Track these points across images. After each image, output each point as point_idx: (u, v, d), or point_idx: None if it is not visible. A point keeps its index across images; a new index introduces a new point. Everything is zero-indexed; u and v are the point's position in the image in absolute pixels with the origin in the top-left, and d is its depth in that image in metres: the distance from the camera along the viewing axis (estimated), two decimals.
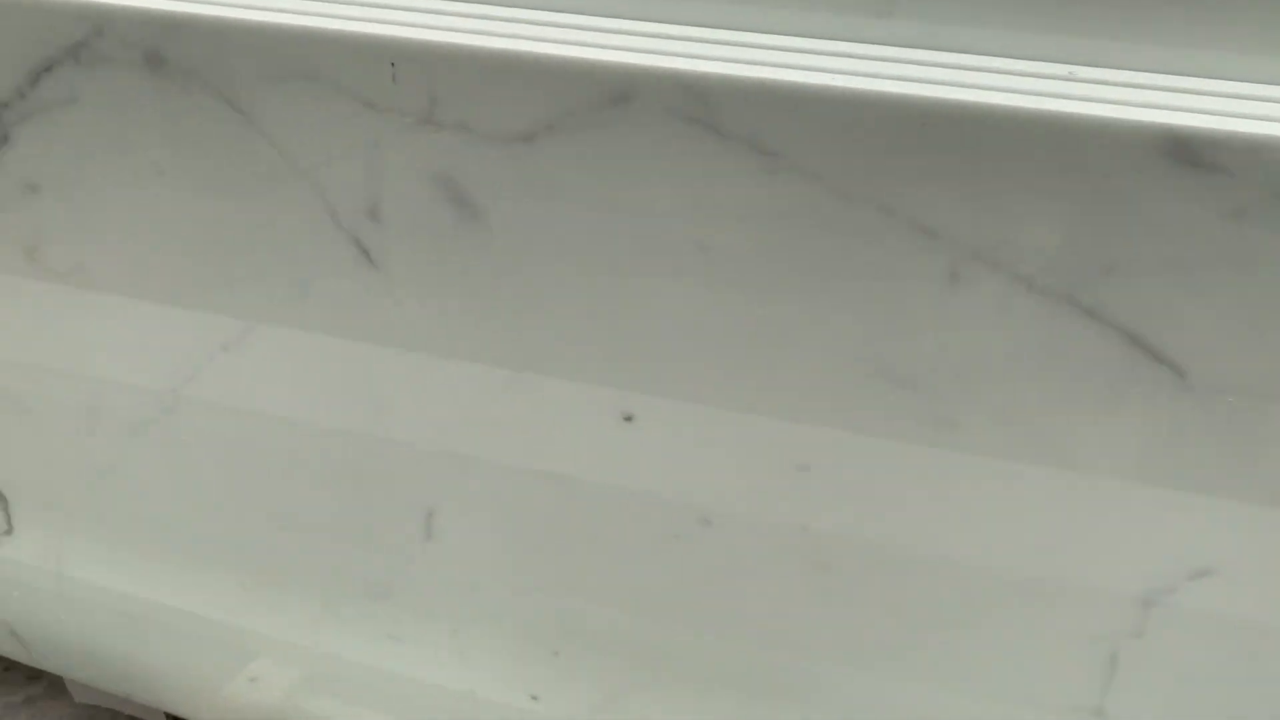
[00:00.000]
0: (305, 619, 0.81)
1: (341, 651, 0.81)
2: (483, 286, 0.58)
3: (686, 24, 0.51)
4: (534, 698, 0.76)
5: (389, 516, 0.71)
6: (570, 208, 0.53)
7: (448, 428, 0.66)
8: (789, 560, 0.61)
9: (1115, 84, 0.45)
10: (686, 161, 0.50)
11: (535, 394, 0.61)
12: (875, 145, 0.46)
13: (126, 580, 0.87)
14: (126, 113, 0.60)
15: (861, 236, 0.48)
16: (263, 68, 0.55)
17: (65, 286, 0.70)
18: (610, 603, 0.69)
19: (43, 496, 0.86)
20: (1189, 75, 0.46)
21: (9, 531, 0.90)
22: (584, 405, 0.60)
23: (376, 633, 0.79)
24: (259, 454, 0.73)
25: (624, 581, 0.67)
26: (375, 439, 0.68)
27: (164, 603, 0.86)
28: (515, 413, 0.63)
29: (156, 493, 0.80)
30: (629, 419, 0.60)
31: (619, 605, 0.69)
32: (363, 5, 0.54)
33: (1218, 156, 0.42)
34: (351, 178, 0.57)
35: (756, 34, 0.50)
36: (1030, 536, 0.54)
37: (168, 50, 0.56)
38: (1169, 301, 0.46)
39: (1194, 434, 0.48)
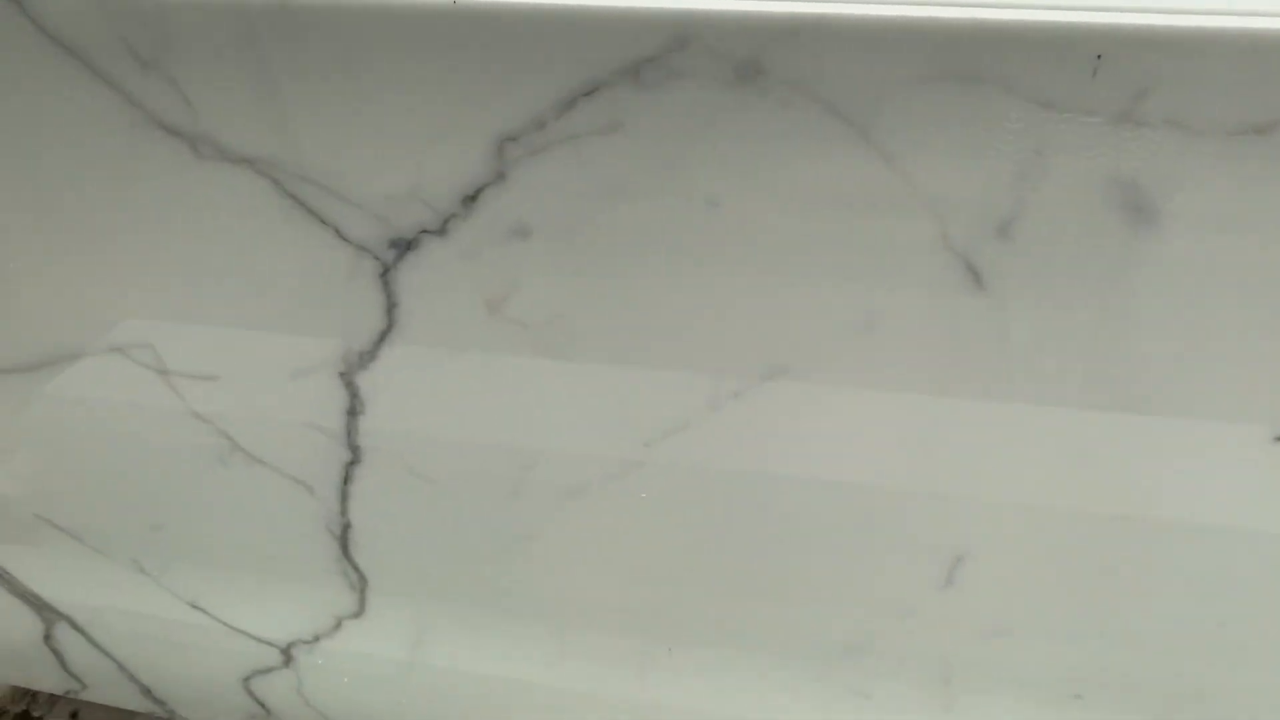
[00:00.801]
0: (736, 683, 0.74)
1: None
2: (1127, 302, 0.51)
3: None
4: None
5: (900, 566, 0.64)
6: None
7: (1004, 469, 0.59)
8: None
9: None
10: None
11: (1141, 430, 0.55)
12: None
13: (503, 658, 0.79)
14: (687, 138, 0.52)
15: None
16: (906, 72, 0.47)
17: (528, 343, 0.62)
18: (1166, 637, 0.63)
19: (412, 576, 0.77)
20: None
21: (359, 615, 0.81)
22: (1222, 436, 0.54)
23: (839, 691, 0.71)
24: (733, 513, 0.66)
25: (1198, 613, 0.61)
26: (906, 485, 0.61)
27: (551, 682, 0.78)
28: (1106, 450, 0.56)
29: (568, 565, 0.72)
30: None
31: (1176, 640, 0.63)
32: None
33: None
34: (987, 190, 0.50)
35: None
36: None
37: (771, 60, 0.49)
38: None
39: None
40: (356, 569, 0.78)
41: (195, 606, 0.86)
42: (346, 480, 0.72)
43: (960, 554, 0.63)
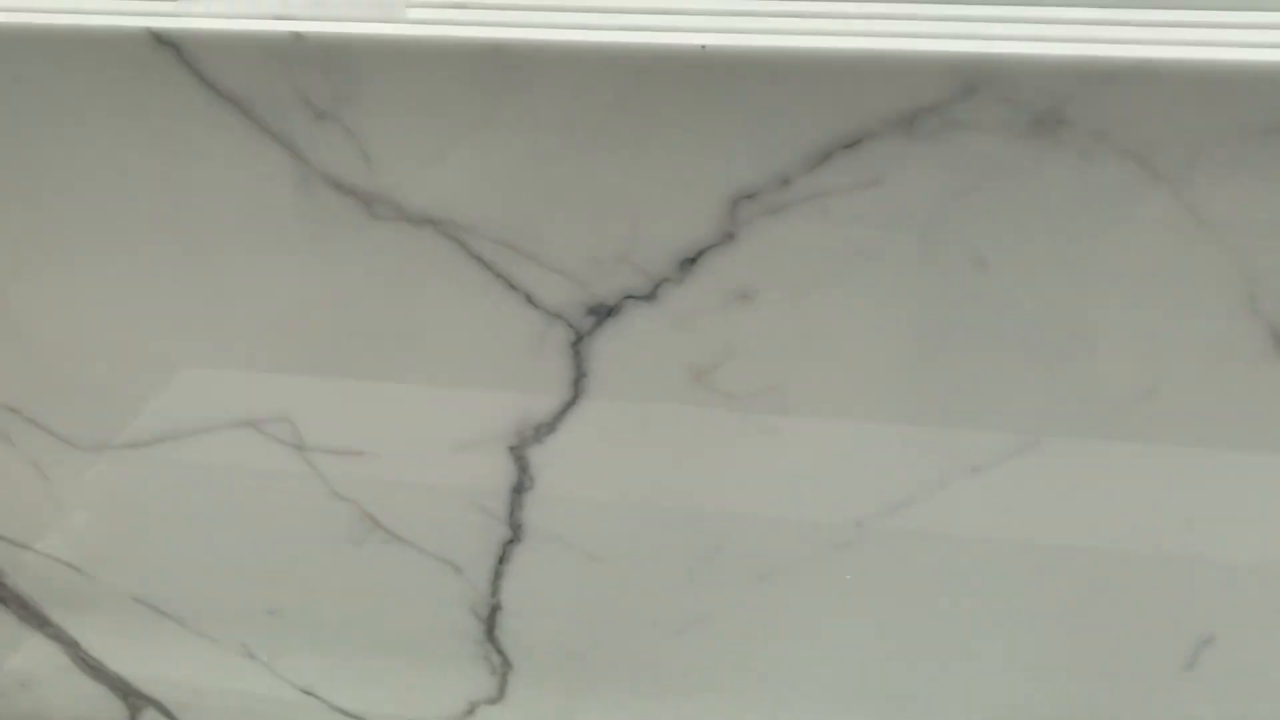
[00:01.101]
0: None
1: None
2: None
3: None
4: None
5: (1138, 644, 0.59)
6: None
7: (1271, 545, 0.54)
8: None
9: None
10: None
11: None
12: None
13: None
14: (957, 193, 0.46)
15: None
16: (1234, 123, 0.42)
17: (733, 413, 0.56)
18: None
19: (562, 659, 0.71)
20: None
21: (497, 700, 0.75)
22: None
23: None
24: (948, 587, 0.60)
25: None
26: (1160, 557, 0.55)
27: None
28: None
29: (748, 650, 0.67)
30: None
31: None
32: None
33: None
34: None
35: None
36: None
37: (1078, 109, 0.43)
38: None
39: None
40: (500, 652, 0.71)
41: (308, 693, 0.79)
42: (502, 559, 0.66)
43: (1209, 635, 0.57)
